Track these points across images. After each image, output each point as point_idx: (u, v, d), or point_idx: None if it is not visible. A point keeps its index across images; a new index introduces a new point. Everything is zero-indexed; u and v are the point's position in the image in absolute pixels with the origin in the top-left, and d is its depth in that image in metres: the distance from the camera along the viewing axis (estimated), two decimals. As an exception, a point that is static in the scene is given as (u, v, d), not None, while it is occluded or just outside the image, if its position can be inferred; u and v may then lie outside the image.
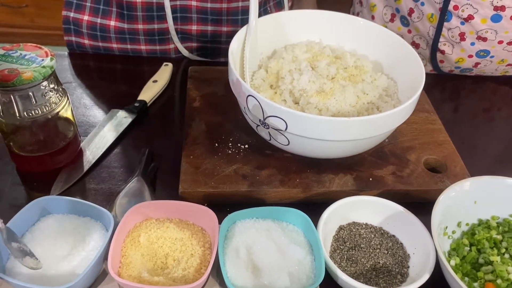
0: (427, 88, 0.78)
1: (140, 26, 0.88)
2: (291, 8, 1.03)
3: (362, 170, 0.67)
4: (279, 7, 0.98)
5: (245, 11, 0.88)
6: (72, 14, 0.90)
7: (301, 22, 0.76)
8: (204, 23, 0.89)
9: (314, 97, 0.64)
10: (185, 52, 0.94)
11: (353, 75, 0.70)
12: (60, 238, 0.54)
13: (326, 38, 0.77)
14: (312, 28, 0.76)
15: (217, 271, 0.54)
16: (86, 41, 0.91)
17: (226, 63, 0.65)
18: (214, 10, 0.88)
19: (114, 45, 0.91)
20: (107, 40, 0.91)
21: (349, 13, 1.12)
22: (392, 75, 0.73)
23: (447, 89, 0.93)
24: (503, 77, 0.95)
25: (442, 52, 0.90)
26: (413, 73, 0.68)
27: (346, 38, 0.77)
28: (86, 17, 0.89)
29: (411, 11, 0.90)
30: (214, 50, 0.94)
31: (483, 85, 0.94)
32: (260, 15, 0.70)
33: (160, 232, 0.55)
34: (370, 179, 0.66)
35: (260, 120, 0.61)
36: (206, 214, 0.56)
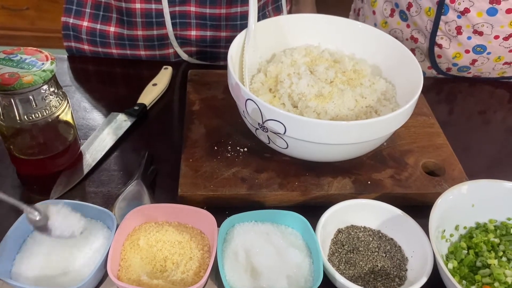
0: (425, 91, 0.78)
1: (140, 32, 0.89)
2: (289, 12, 1.03)
3: (361, 174, 0.67)
4: (277, 11, 0.99)
5: (244, 16, 0.89)
6: (71, 20, 0.90)
7: (300, 26, 0.77)
8: (203, 28, 0.90)
9: (313, 101, 0.65)
10: (185, 56, 0.94)
11: (351, 79, 0.71)
12: (63, 240, 0.54)
13: (325, 42, 0.77)
14: (311, 32, 0.77)
15: (216, 274, 0.54)
16: (86, 47, 0.92)
17: (225, 67, 0.65)
18: (213, 15, 0.88)
19: (114, 51, 0.92)
20: (107, 46, 0.91)
21: (350, 9, 1.13)
22: (390, 79, 0.73)
23: (444, 91, 0.93)
24: (500, 80, 0.96)
25: (440, 46, 0.91)
26: (411, 77, 0.68)
27: (345, 42, 0.77)
28: (85, 23, 0.90)
29: (409, 5, 0.91)
30: (213, 54, 0.95)
31: (480, 88, 0.94)
32: (258, 19, 0.71)
33: (159, 235, 0.55)
34: (369, 182, 0.66)
35: (259, 123, 0.61)
36: (205, 217, 0.56)
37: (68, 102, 0.65)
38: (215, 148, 0.69)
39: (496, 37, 0.86)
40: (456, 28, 0.87)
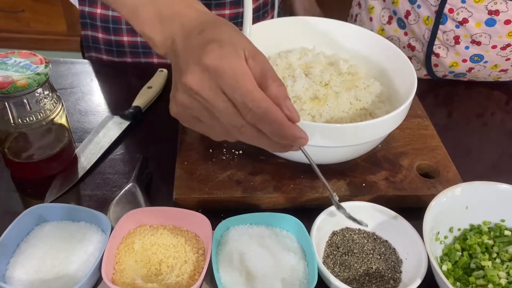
0: (421, 94, 0.78)
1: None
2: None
3: (356, 176, 0.67)
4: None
5: None
6: (86, 8, 0.92)
7: (295, 29, 0.77)
8: (207, 8, 0.90)
9: (308, 104, 0.65)
10: None
11: (346, 81, 0.71)
12: (57, 244, 0.55)
13: (320, 44, 0.77)
14: (306, 34, 0.77)
15: (210, 278, 0.54)
16: (100, 35, 0.93)
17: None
18: None
19: (125, 38, 0.92)
20: (120, 33, 0.92)
21: (347, 15, 1.13)
22: (385, 81, 0.74)
23: (441, 94, 0.94)
24: (495, 83, 0.96)
25: (437, 55, 0.91)
26: (405, 79, 0.68)
27: (340, 44, 0.77)
28: (99, 10, 0.91)
29: (407, 14, 0.91)
30: None
31: (476, 91, 0.94)
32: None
33: (154, 239, 0.55)
34: (363, 184, 0.66)
35: (253, 126, 0.61)
36: (200, 220, 0.56)
37: (62, 105, 0.65)
38: (210, 150, 0.69)
39: (494, 47, 0.86)
40: (454, 38, 0.87)
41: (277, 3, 1.01)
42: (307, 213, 0.59)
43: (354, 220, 0.55)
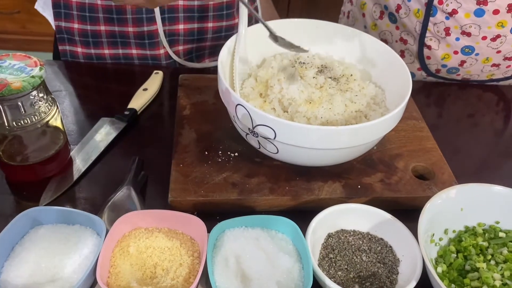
0: (414, 95, 0.78)
1: (130, 29, 0.89)
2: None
3: (351, 178, 0.67)
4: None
5: (230, 5, 0.91)
6: (63, 24, 0.90)
7: (290, 31, 0.77)
8: (191, 21, 0.91)
9: (303, 106, 0.65)
10: (174, 57, 0.94)
11: (341, 83, 0.71)
12: (52, 247, 0.54)
13: (315, 47, 0.77)
14: (301, 37, 0.77)
15: (206, 280, 0.54)
16: (79, 49, 0.92)
17: (216, 72, 0.65)
18: (201, 7, 0.90)
19: (106, 51, 0.91)
20: (100, 46, 0.91)
21: (339, 12, 1.13)
22: (379, 84, 0.74)
23: (433, 95, 0.94)
24: (488, 83, 0.97)
25: (429, 47, 0.92)
26: (400, 81, 0.68)
27: (335, 47, 0.77)
28: (76, 25, 0.90)
29: (398, 8, 0.92)
30: (199, 49, 0.96)
31: (469, 92, 0.95)
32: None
33: (149, 242, 0.55)
34: (359, 186, 0.66)
35: (249, 128, 0.61)
36: (195, 223, 0.56)
37: (57, 107, 0.64)
38: (206, 153, 0.69)
39: (484, 38, 0.86)
40: (445, 29, 0.88)
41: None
42: (302, 216, 0.59)
43: (294, 46, 0.53)
